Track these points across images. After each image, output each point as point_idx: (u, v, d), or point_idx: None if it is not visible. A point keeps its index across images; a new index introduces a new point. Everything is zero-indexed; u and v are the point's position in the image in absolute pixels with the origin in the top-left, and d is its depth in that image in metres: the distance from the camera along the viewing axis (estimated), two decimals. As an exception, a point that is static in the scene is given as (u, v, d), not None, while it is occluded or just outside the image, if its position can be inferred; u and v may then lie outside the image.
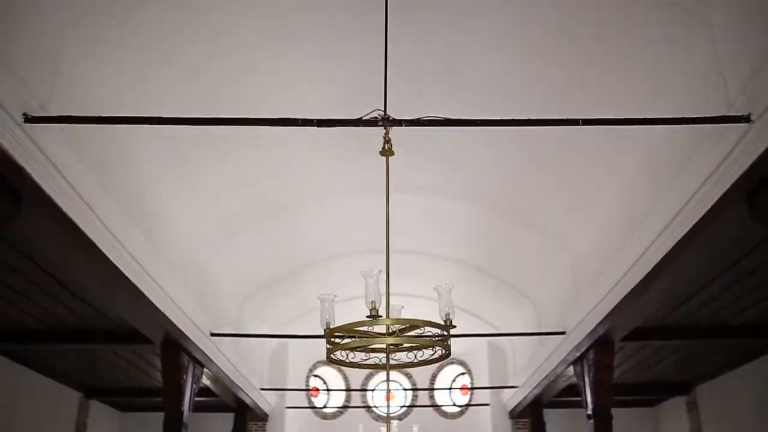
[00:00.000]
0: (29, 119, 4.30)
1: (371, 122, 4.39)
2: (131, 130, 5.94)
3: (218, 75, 6.29)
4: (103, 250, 5.65)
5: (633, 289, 6.80)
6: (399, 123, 4.46)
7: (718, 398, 11.32)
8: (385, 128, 4.38)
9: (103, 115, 4.78)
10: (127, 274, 6.20)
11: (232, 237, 9.19)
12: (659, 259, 6.05)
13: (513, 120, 4.80)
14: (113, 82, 5.60)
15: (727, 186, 4.74)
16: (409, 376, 15.39)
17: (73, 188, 4.96)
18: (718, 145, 4.75)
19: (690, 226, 5.38)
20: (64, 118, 4.51)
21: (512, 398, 13.19)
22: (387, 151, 4.39)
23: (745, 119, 4.39)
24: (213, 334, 9.07)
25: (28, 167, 4.41)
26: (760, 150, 4.32)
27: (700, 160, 5.04)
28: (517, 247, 9.93)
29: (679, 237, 5.59)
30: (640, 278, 6.54)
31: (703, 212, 5.13)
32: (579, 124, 4.78)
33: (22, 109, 4.27)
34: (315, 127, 4.65)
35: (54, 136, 4.66)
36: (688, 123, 4.69)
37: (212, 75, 6.27)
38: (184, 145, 6.91)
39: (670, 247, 5.78)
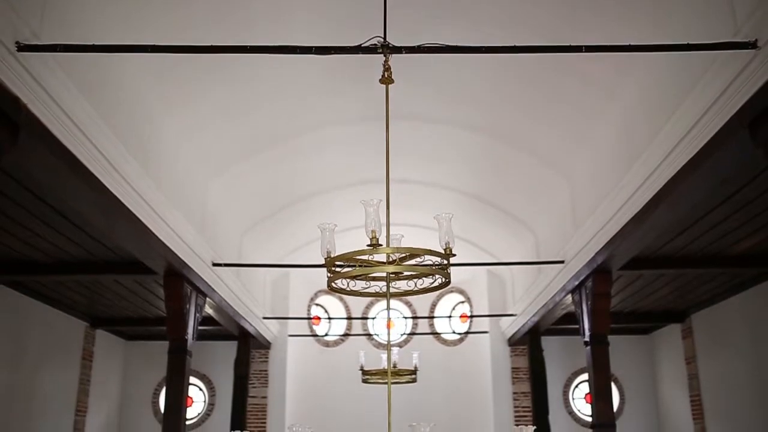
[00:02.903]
0: (22, 47, 4.23)
1: (371, 49, 4.31)
2: (127, 58, 5.85)
3: (215, 1, 6.15)
4: (102, 180, 5.64)
5: (633, 218, 6.82)
6: (399, 50, 4.38)
7: (713, 326, 11.51)
8: (384, 56, 4.30)
9: (97, 43, 4.69)
10: (126, 204, 6.22)
11: (232, 168, 9.16)
12: (660, 187, 6.05)
13: (515, 47, 4.72)
14: (107, 9, 5.47)
15: (731, 113, 4.70)
16: (409, 305, 15.61)
17: (69, 117, 4.92)
18: (722, 71, 4.68)
19: (692, 154, 5.35)
20: (56, 47, 4.43)
21: (511, 326, 13.41)
22: (387, 79, 4.32)
23: (752, 45, 4.31)
24: (215, 264, 9.16)
25: (23, 96, 4.37)
26: (766, 77, 4.26)
27: (703, 87, 4.97)
28: (517, 176, 9.91)
29: (681, 165, 5.57)
30: (640, 207, 6.56)
31: (706, 140, 5.10)
32: (582, 51, 4.70)
33: (14, 37, 4.20)
34: (313, 55, 4.58)
35: (48, 65, 4.59)
36: (692, 49, 4.61)
37: (209, 2, 6.12)
38: (182, 75, 6.81)
39: (672, 175, 5.77)
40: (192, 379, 12.03)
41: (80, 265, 8.73)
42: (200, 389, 14.39)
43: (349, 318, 15.55)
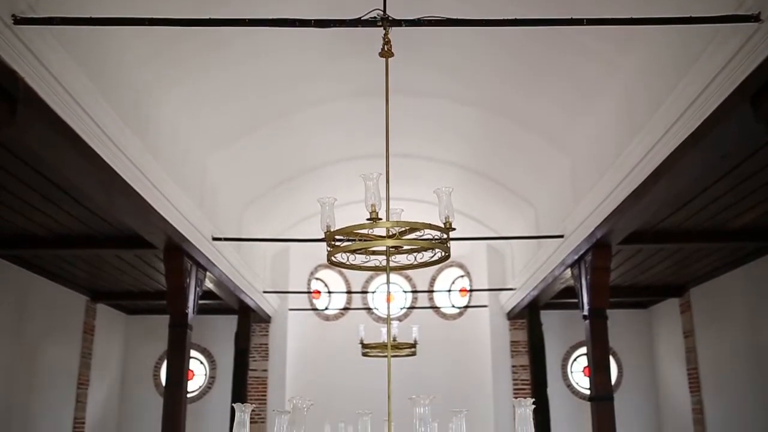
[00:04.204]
0: (18, 20, 4.20)
1: (370, 22, 4.28)
2: (127, 33, 5.80)
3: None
4: (101, 155, 5.63)
5: (633, 192, 6.82)
6: (399, 23, 4.34)
7: (711, 300, 11.56)
8: (384, 28, 4.25)
9: (94, 16, 4.65)
10: (125, 179, 6.21)
11: (232, 142, 9.13)
12: (660, 162, 6.03)
13: (515, 20, 4.68)
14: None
15: (732, 88, 4.67)
16: (408, 279, 15.66)
17: (67, 92, 4.89)
18: (724, 45, 4.65)
19: (693, 129, 5.33)
20: (53, 20, 4.39)
21: (510, 300, 13.46)
22: (386, 53, 4.28)
23: (755, 18, 4.27)
24: (215, 239, 9.17)
25: (21, 70, 4.34)
26: (768, 51, 4.24)
27: (705, 61, 4.94)
28: (517, 150, 9.88)
29: (681, 140, 5.55)
30: (641, 181, 6.55)
31: (707, 115, 5.08)
32: (583, 24, 4.67)
33: (10, 10, 4.16)
34: (313, 29, 4.54)
35: (46, 39, 4.55)
36: (694, 22, 4.57)
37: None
38: (182, 50, 6.75)
39: (672, 149, 5.75)
40: (193, 353, 12.11)
41: (80, 240, 8.74)
42: (201, 363, 14.49)
43: (349, 292, 15.61)
